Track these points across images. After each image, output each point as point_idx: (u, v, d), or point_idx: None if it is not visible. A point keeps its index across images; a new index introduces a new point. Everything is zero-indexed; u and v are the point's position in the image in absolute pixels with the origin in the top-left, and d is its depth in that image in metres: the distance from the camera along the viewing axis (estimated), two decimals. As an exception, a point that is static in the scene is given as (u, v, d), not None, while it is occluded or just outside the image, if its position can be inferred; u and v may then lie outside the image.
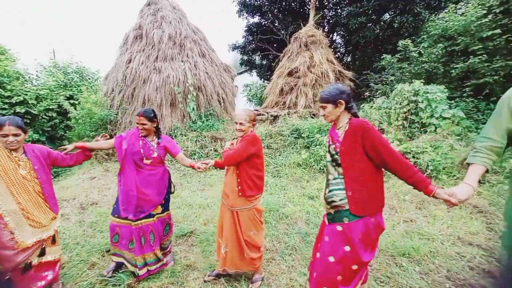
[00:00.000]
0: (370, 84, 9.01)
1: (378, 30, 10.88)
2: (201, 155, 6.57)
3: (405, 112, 5.93)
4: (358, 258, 1.51)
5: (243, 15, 13.89)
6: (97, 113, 6.96)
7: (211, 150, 6.64)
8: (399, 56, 8.54)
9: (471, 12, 6.65)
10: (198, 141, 6.95)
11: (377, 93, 8.06)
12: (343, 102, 1.59)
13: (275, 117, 8.05)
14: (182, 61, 7.73)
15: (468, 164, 1.43)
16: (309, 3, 10.63)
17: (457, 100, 6.62)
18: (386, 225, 3.14)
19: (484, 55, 6.20)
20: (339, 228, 1.56)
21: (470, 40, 6.54)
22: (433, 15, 9.69)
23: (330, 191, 1.63)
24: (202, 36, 8.53)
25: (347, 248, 1.51)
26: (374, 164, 1.54)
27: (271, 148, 6.41)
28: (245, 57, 15.09)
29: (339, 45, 14.14)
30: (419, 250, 2.52)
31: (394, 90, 6.40)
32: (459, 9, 8.05)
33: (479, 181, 1.67)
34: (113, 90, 7.57)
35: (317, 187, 4.54)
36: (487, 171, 1.39)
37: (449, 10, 7.66)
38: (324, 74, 8.43)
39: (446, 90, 6.11)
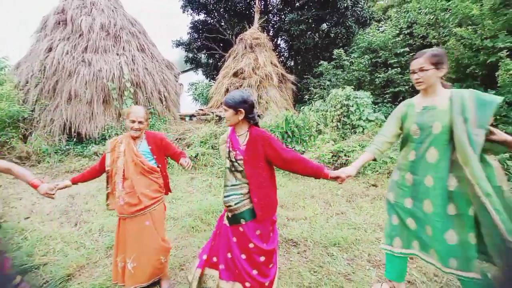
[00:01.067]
0: (310, 88, 9.69)
1: (317, 39, 11.77)
2: (140, 157, 6.07)
3: (338, 115, 6.55)
4: (261, 250, 1.68)
5: (187, 11, 13.41)
6: (4, 108, 5.80)
7: (151, 151, 6.19)
8: (334, 64, 9.40)
9: (388, 31, 7.75)
10: (137, 142, 6.41)
11: (316, 97, 8.72)
12: (243, 111, 1.64)
13: (221, 118, 7.99)
14: (118, 54, 7.05)
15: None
16: (255, 6, 10.86)
17: (380, 104, 7.62)
18: (321, 218, 3.41)
19: (398, 68, 7.30)
20: (240, 229, 1.69)
21: (388, 55, 7.62)
22: (362, 29, 10.98)
23: (227, 196, 1.70)
24: (141, 29, 7.92)
25: (251, 245, 1.67)
26: (272, 170, 1.72)
27: (216, 149, 6.32)
28: (190, 55, 14.58)
29: (283, 50, 14.82)
30: (347, 239, 2.79)
31: (330, 94, 7.03)
32: (381, 27, 9.32)
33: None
34: (27, 82, 6.43)
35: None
36: (374, 159, 1.82)
37: (373, 27, 8.78)
38: (268, 76, 8.72)
39: (371, 96, 6.98)
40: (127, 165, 1.97)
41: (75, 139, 6.50)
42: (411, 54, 7.18)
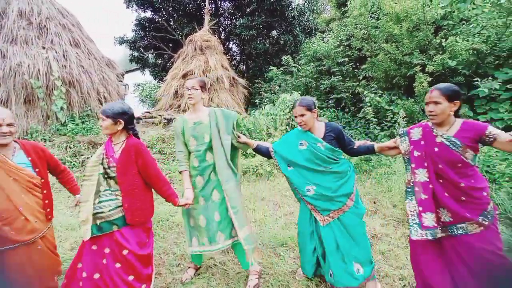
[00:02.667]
0: (261, 92, 9.92)
1: (268, 45, 12.16)
2: (75, 164, 5.41)
3: (287, 119, 6.84)
4: (137, 256, 1.76)
5: (131, 6, 12.51)
6: None
7: (88, 158, 5.56)
8: (283, 69, 9.82)
9: (331, 42, 8.43)
10: (70, 147, 5.70)
11: (266, 101, 8.97)
12: (122, 122, 1.75)
13: (169, 120, 7.62)
14: (44, 47, 6.17)
15: (181, 172, 2.15)
16: (205, 8, 10.71)
17: (324, 109, 8.20)
18: (270, 220, 3.49)
19: (340, 76, 7.98)
20: (113, 237, 1.74)
21: (331, 63, 8.27)
22: (308, 38, 11.73)
23: (100, 202, 1.74)
24: (74, 22, 7.10)
25: (125, 252, 1.74)
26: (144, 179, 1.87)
27: (163, 153, 6.00)
28: (136, 54, 13.60)
29: (235, 53, 14.91)
30: (294, 239, 2.90)
31: (279, 99, 7.30)
32: (324, 37, 10.09)
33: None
34: None
35: (211, 191, 4.56)
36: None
37: (317, 37, 9.45)
38: (219, 80, 8.66)
39: (317, 101, 7.48)
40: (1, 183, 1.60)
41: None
42: (350, 64, 7.94)
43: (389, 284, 2.22)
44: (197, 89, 2.10)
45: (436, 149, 1.64)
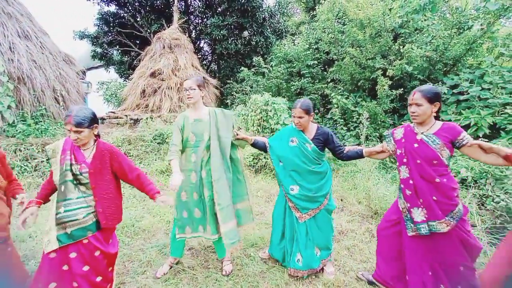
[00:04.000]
0: (232, 93, 9.87)
1: (239, 45, 12.14)
2: (26, 168, 4.90)
3: (259, 119, 6.88)
4: (107, 254, 1.80)
5: (93, -1, 11.71)
6: None
7: (42, 161, 5.08)
8: (254, 70, 9.87)
9: (300, 44, 8.65)
10: (20, 150, 5.14)
11: (238, 101, 8.94)
12: (97, 125, 1.81)
13: (136, 121, 7.25)
14: (-13, 39, 5.51)
15: (170, 161, 2.14)
16: (174, 5, 10.37)
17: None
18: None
19: (309, 78, 8.22)
20: (84, 241, 1.71)
21: (301, 65, 8.49)
22: (279, 40, 11.93)
23: (70, 210, 1.68)
24: (24, 12, 6.43)
25: (97, 253, 1.75)
26: (118, 181, 1.90)
27: (130, 155, 5.68)
28: (99, 50, 12.75)
29: (206, 53, 14.66)
30: (264, 238, 2.91)
31: (250, 99, 7.32)
32: (295, 40, 10.33)
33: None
34: None
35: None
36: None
37: (288, 39, 9.64)
38: (189, 79, 8.43)
39: (287, 102, 7.62)
40: None
41: None
42: (319, 67, 8.22)
43: (353, 278, 2.32)
44: (195, 89, 2.16)
45: (416, 145, 1.77)
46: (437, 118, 1.81)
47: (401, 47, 5.93)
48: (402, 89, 5.72)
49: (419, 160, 1.74)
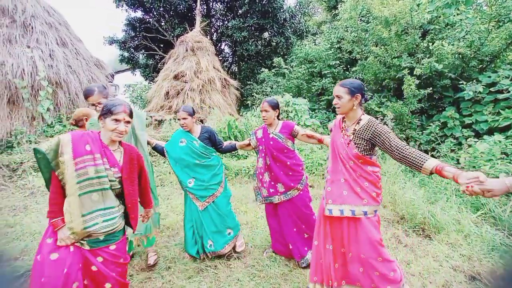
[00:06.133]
0: (253, 94, 9.94)
1: (260, 46, 12.20)
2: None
3: (279, 120, 6.87)
4: (127, 261, 1.71)
5: (121, 6, 12.33)
6: None
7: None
8: (274, 71, 9.86)
9: (322, 44, 8.51)
10: (57, 149, 5.53)
11: (258, 102, 8.98)
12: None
13: (160, 122, 7.52)
14: (29, 46, 5.99)
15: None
16: (196, 9, 10.65)
17: (316, 111, 8.27)
18: (262, 222, 3.47)
19: (331, 78, 8.06)
20: (111, 247, 1.57)
21: (322, 65, 8.35)
22: (299, 40, 11.82)
23: (108, 219, 1.51)
24: (61, 20, 6.93)
25: (122, 259, 1.64)
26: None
27: (154, 155, 5.91)
28: (126, 54, 13.40)
29: (227, 55, 14.88)
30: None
31: (271, 100, 7.31)
32: (316, 40, 10.19)
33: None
34: None
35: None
36: None
37: (309, 39, 9.53)
38: (211, 81, 8.61)
39: (308, 102, 7.53)
40: None
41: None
42: (341, 67, 8.04)
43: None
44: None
45: (271, 142, 2.44)
46: (278, 119, 2.52)
47: (430, 44, 5.63)
48: (431, 88, 5.44)
49: (275, 152, 2.43)
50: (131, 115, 1.56)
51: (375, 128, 1.64)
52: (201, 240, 2.60)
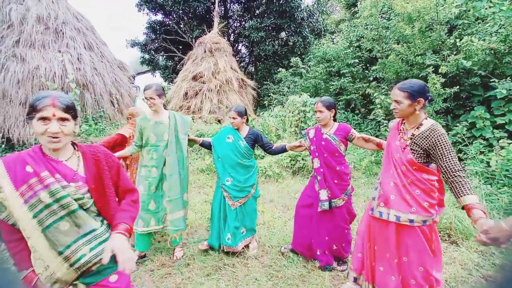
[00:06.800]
0: (270, 94, 9.93)
1: (277, 46, 12.17)
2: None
3: (296, 120, 6.80)
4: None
5: (143, 9, 12.78)
6: None
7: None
8: (292, 71, 9.78)
9: (340, 43, 8.34)
10: (83, 148, 5.83)
11: (275, 102, 8.95)
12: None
13: (179, 122, 7.71)
14: (60, 51, 6.36)
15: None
16: (214, 10, 10.81)
17: (334, 111, 8.12)
18: (279, 222, 3.47)
19: (350, 77, 7.88)
20: (113, 278, 1.22)
21: (341, 64, 8.18)
22: (317, 39, 11.66)
23: (96, 246, 1.15)
24: (88, 26, 7.29)
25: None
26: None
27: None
28: (147, 56, 13.86)
29: (244, 55, 14.98)
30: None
31: (288, 100, 7.28)
32: (334, 38, 10.00)
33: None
34: None
35: (220, 192, 4.58)
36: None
37: (327, 38, 9.37)
38: (228, 81, 8.70)
39: (325, 102, 7.41)
40: None
41: (3, 145, 5.64)
42: (360, 65, 7.84)
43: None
44: (154, 99, 2.46)
45: (323, 143, 2.34)
46: (335, 120, 2.41)
47: (457, 40, 5.34)
48: (458, 87, 5.16)
49: (325, 154, 2.33)
50: (68, 109, 1.07)
51: (436, 139, 1.53)
52: (222, 230, 2.69)
